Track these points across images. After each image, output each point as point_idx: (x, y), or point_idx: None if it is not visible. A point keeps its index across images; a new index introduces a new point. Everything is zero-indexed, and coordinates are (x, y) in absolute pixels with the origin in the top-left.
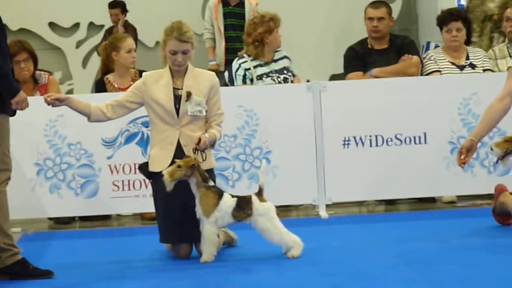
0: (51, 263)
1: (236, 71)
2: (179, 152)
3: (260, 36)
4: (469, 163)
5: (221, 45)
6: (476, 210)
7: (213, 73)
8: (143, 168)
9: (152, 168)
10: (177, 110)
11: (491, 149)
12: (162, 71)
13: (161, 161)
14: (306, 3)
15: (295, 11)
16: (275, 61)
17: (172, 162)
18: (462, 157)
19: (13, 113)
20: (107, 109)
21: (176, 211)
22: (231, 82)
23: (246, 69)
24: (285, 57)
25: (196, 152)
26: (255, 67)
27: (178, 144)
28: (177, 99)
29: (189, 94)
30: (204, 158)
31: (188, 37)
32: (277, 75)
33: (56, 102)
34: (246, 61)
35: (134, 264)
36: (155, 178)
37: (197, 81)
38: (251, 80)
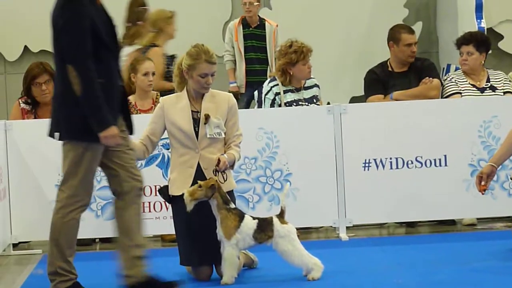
0: None
1: (267, 94)
2: (199, 175)
3: (282, 67)
4: (490, 185)
5: (241, 66)
6: (496, 232)
7: (231, 94)
8: (163, 191)
9: (172, 191)
10: (196, 133)
11: (511, 178)
12: (179, 95)
13: (181, 184)
14: (325, 25)
15: (315, 32)
16: (306, 88)
17: (193, 185)
18: (483, 183)
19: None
20: (146, 150)
21: (196, 233)
22: (259, 104)
23: (276, 94)
24: (316, 85)
25: (217, 173)
26: (285, 92)
27: (198, 167)
28: (196, 122)
29: (207, 117)
30: (225, 179)
31: (215, 59)
32: (306, 103)
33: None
34: (277, 84)
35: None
36: (175, 201)
37: (215, 103)
38: (279, 105)
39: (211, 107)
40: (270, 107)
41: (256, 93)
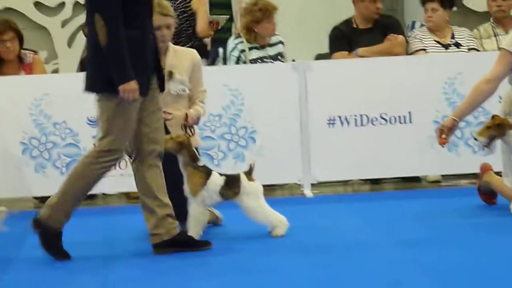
0: (36, 242)
1: (232, 51)
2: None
3: (247, 24)
4: (454, 142)
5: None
6: (460, 189)
7: (194, 51)
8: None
9: None
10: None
11: (475, 139)
12: None
13: None
14: None
15: None
16: (271, 45)
17: None
18: (443, 136)
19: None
20: None
21: None
22: (225, 61)
23: (241, 51)
24: (280, 42)
25: (185, 128)
26: (250, 49)
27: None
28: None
29: (171, 74)
30: (192, 133)
31: (169, 10)
32: (271, 60)
33: None
34: (242, 42)
35: (120, 243)
36: None
37: (179, 60)
38: (244, 63)
39: (175, 63)
40: (235, 64)
41: (221, 50)
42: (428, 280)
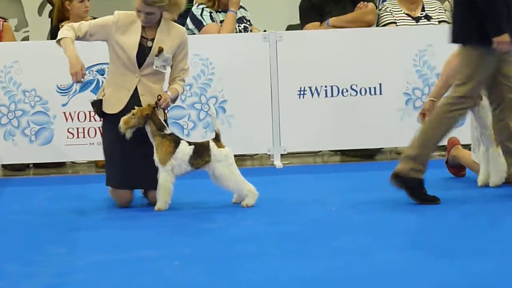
0: (4, 210)
1: (201, 13)
2: (135, 99)
3: None
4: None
5: None
6: (429, 161)
7: (185, 29)
8: (96, 105)
9: (106, 109)
10: (142, 60)
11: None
12: (135, 16)
13: (115, 104)
14: None
15: None
16: None
17: (126, 107)
18: (426, 119)
19: None
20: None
21: (122, 155)
22: (197, 25)
23: (210, 12)
24: (241, 6)
25: (158, 109)
26: (216, 12)
27: (135, 91)
28: (142, 49)
29: (160, 50)
30: (164, 117)
31: (153, 1)
32: (236, 24)
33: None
34: (207, 7)
35: (88, 212)
36: (106, 118)
37: (169, 36)
38: (218, 22)
39: (165, 39)
40: (212, 21)
41: (188, 20)
42: (389, 244)
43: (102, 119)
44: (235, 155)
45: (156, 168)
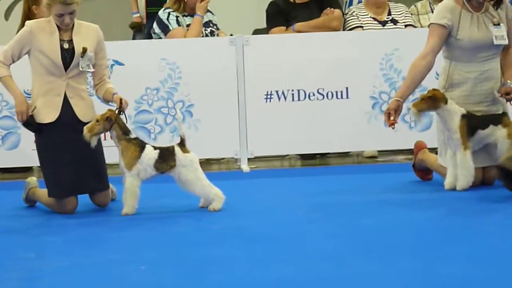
0: None
1: (168, 17)
2: (66, 103)
3: None
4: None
5: None
6: (396, 165)
7: (98, 26)
8: (30, 122)
9: (41, 119)
10: (66, 63)
11: (409, 108)
12: (47, 20)
13: (50, 112)
14: None
15: None
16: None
17: (61, 114)
18: (391, 118)
19: None
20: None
21: (67, 164)
22: (164, 29)
23: (177, 16)
24: (208, 10)
25: (122, 113)
26: (185, 15)
27: (65, 95)
28: (64, 51)
29: (85, 50)
30: (126, 120)
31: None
32: (203, 28)
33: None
34: (174, 11)
35: (55, 217)
36: (43, 129)
37: (85, 35)
38: (186, 26)
39: (83, 38)
40: (177, 25)
41: (155, 24)
42: (355, 249)
43: (36, 133)
44: (202, 159)
45: (100, 171)
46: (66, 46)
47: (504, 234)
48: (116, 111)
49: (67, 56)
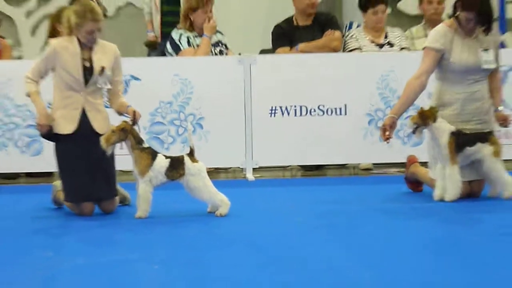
0: None
1: (180, 38)
2: (83, 116)
3: (184, 12)
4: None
5: (157, 18)
6: (390, 177)
7: (116, 46)
8: (50, 134)
9: (60, 130)
10: (86, 80)
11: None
12: (69, 40)
13: (68, 124)
14: None
15: None
16: None
17: (79, 126)
18: (387, 133)
19: None
20: (38, 88)
21: (82, 172)
22: (175, 49)
23: (188, 37)
24: (218, 31)
25: (135, 124)
26: (194, 37)
27: (83, 109)
28: (85, 69)
29: (103, 69)
30: (140, 130)
31: (101, 15)
32: (213, 47)
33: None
34: (186, 32)
35: (73, 218)
36: (61, 140)
37: (104, 54)
38: (195, 46)
39: (101, 57)
40: (188, 46)
41: (168, 44)
42: (356, 255)
43: (55, 143)
44: (210, 168)
45: (110, 180)
46: (87, 64)
47: (491, 242)
48: (130, 122)
49: (87, 73)
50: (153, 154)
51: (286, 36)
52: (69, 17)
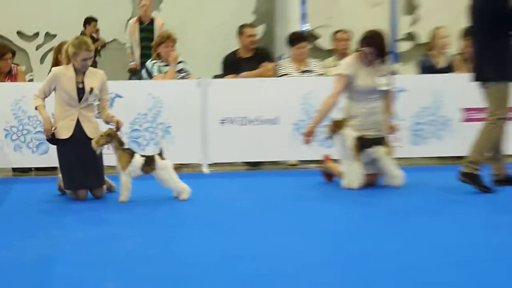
0: (14, 200)
1: (152, 67)
2: (78, 126)
3: (154, 45)
4: (316, 138)
5: (137, 51)
6: (310, 170)
7: (103, 71)
8: (53, 139)
9: (59, 135)
10: (80, 98)
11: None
12: (67, 67)
13: (66, 131)
14: (199, 25)
15: (191, 29)
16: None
17: (73, 132)
18: (308, 138)
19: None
20: (43, 103)
21: (75, 167)
22: (149, 75)
23: (159, 66)
24: (181, 61)
25: (118, 131)
26: (163, 66)
27: (77, 120)
28: (79, 90)
29: (92, 89)
30: (122, 135)
31: (92, 47)
32: (178, 73)
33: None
34: (156, 62)
35: (72, 202)
36: (60, 143)
37: (94, 78)
38: (163, 73)
39: (91, 80)
40: (158, 73)
41: (144, 71)
42: (276, 224)
43: (57, 145)
44: (176, 164)
45: (99, 172)
46: (80, 86)
47: (388, 218)
48: (115, 129)
49: (80, 93)
50: (132, 154)
51: (232, 65)
52: (67, 48)
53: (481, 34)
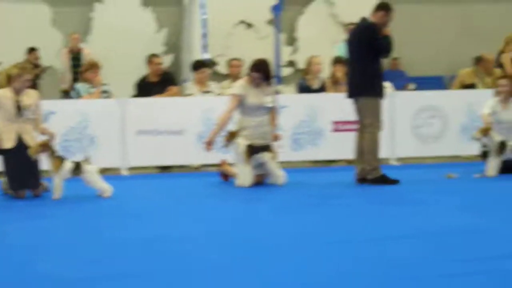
0: None
1: (80, 89)
2: (19, 137)
3: (83, 71)
4: (214, 146)
5: (68, 75)
6: (212, 172)
7: (37, 92)
8: None
9: (3, 146)
10: (19, 113)
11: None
12: (6, 90)
13: (9, 142)
14: (124, 55)
15: (113, 56)
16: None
17: (16, 142)
18: (209, 146)
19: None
20: None
21: (18, 170)
22: (78, 95)
23: (86, 88)
24: (104, 84)
25: (52, 141)
26: (89, 88)
27: (18, 132)
28: (17, 107)
29: (28, 106)
30: (55, 146)
31: (32, 72)
32: (102, 93)
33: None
34: (84, 85)
35: (13, 200)
36: (5, 152)
37: (29, 97)
38: (89, 93)
39: (27, 99)
40: (84, 93)
41: (72, 92)
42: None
43: (1, 154)
44: (101, 168)
45: (36, 175)
46: (18, 104)
47: (277, 212)
48: (49, 140)
49: (19, 110)
50: (62, 160)
51: (143, 88)
52: (9, 72)
53: (359, 59)
